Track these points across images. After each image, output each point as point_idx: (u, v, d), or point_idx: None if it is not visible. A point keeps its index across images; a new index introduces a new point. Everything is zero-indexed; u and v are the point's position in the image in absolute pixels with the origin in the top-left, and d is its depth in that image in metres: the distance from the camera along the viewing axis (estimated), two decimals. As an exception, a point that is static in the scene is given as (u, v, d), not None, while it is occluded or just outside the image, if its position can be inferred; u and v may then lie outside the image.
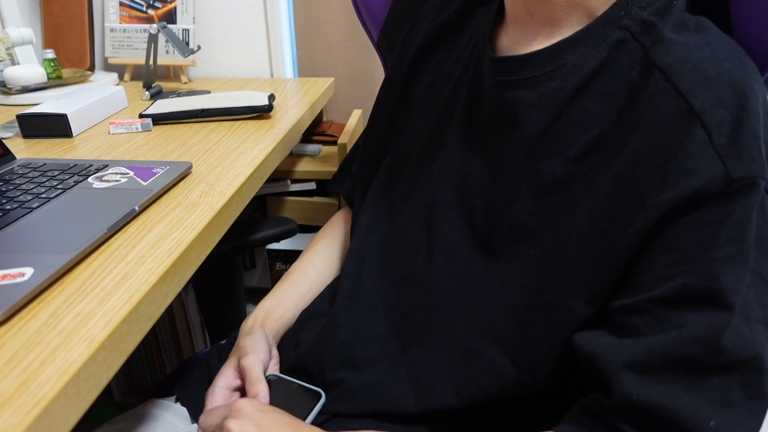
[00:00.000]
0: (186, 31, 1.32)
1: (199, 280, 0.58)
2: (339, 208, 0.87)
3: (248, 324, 0.63)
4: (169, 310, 1.36)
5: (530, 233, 0.48)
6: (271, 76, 1.42)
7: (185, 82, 1.34)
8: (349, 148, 1.08)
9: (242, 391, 0.57)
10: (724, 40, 0.44)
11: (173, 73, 1.40)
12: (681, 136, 0.40)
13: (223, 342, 0.73)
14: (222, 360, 0.64)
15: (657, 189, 0.40)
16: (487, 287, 0.51)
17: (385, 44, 0.80)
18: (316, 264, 0.70)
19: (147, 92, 1.15)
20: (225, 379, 0.58)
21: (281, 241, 1.30)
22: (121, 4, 1.34)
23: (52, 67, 1.18)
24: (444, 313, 0.53)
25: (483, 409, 0.51)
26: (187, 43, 1.32)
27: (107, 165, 0.71)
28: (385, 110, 0.67)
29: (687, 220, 0.39)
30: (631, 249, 0.42)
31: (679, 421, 0.38)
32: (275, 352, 0.62)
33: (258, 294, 1.44)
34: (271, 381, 0.57)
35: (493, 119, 0.51)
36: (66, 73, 1.24)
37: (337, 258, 0.72)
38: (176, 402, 0.66)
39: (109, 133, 0.90)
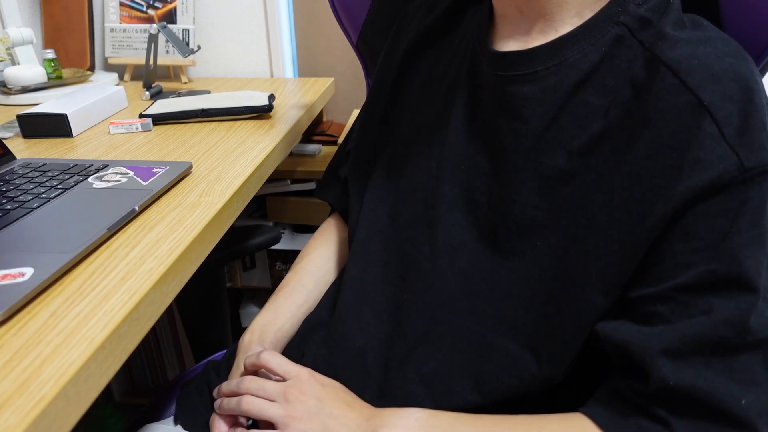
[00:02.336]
0: (186, 31, 1.32)
1: (181, 296, 0.56)
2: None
3: (245, 340, 0.61)
4: (170, 310, 1.36)
5: (536, 226, 0.49)
6: (271, 76, 1.42)
7: (185, 82, 1.34)
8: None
9: (247, 416, 0.56)
10: (722, 37, 0.46)
11: (173, 73, 1.40)
12: (693, 129, 0.41)
13: (219, 358, 0.71)
14: (222, 377, 0.62)
15: (673, 180, 0.41)
16: (495, 281, 0.51)
17: (364, 46, 0.80)
18: (311, 273, 0.69)
19: (147, 92, 1.15)
20: None
21: (280, 241, 1.30)
22: (121, 4, 1.34)
23: (52, 67, 1.18)
24: (451, 309, 0.53)
25: (509, 405, 0.50)
26: (187, 43, 1.32)
27: (107, 165, 0.71)
28: (377, 111, 0.67)
29: (704, 209, 0.41)
30: (650, 240, 0.43)
31: (713, 402, 0.40)
32: None
33: (258, 294, 1.44)
34: None
35: (495, 114, 0.52)
36: (66, 73, 1.24)
37: (331, 266, 0.71)
38: (176, 424, 0.64)
39: (109, 133, 0.90)
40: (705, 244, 0.41)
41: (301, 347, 0.62)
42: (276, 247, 1.29)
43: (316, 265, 0.70)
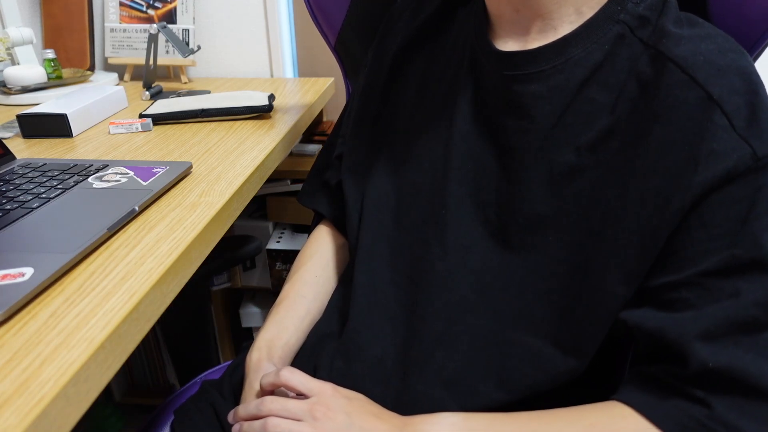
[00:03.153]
0: (186, 31, 1.32)
1: (165, 316, 0.53)
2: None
3: (254, 358, 0.58)
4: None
5: (547, 222, 0.50)
6: (271, 76, 1.42)
7: (185, 82, 1.34)
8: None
9: None
10: (720, 33, 0.47)
11: (173, 73, 1.40)
12: (705, 122, 0.43)
13: (214, 377, 0.69)
14: (225, 395, 0.61)
15: (690, 172, 0.43)
16: (508, 278, 0.51)
17: (342, 48, 0.79)
18: (309, 283, 0.67)
19: (147, 92, 1.15)
20: None
21: (280, 241, 1.30)
22: (121, 4, 1.34)
23: (52, 67, 1.18)
24: (465, 309, 0.53)
25: (537, 400, 0.50)
26: (187, 43, 1.32)
27: (107, 165, 0.71)
28: (368, 114, 0.66)
29: (719, 198, 0.43)
30: (669, 230, 0.44)
31: (749, 379, 0.42)
32: None
33: (258, 294, 1.44)
34: None
35: (501, 113, 0.52)
36: (66, 73, 1.24)
37: (330, 275, 0.69)
38: None
39: (109, 133, 0.90)
40: (723, 231, 0.43)
41: (313, 361, 0.60)
42: (276, 247, 1.29)
43: (314, 274, 0.68)
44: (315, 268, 0.69)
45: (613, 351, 0.50)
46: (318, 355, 0.60)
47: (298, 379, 0.52)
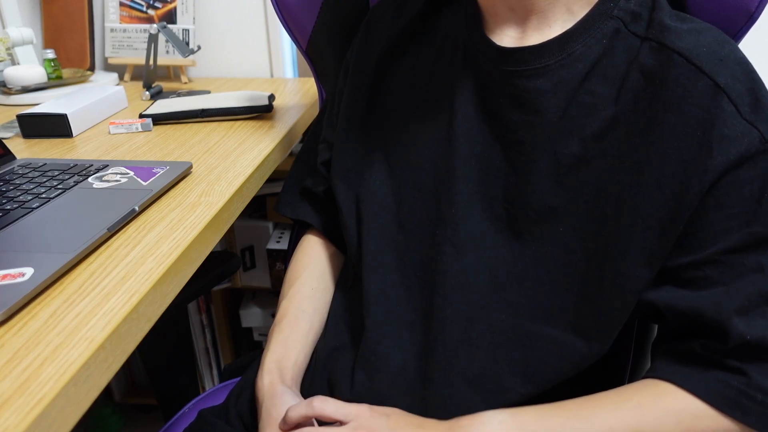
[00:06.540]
0: (186, 31, 1.32)
1: (146, 344, 0.52)
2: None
3: (266, 382, 0.56)
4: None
5: (556, 213, 0.51)
6: (271, 76, 1.42)
7: (185, 82, 1.34)
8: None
9: None
10: (711, 27, 0.50)
11: (173, 73, 1.40)
12: (714, 109, 0.45)
13: (211, 402, 0.67)
14: (234, 424, 0.59)
15: (705, 157, 0.45)
16: (522, 271, 0.52)
17: (314, 52, 0.79)
18: (308, 297, 0.65)
19: (147, 92, 1.15)
20: None
21: (280, 241, 1.30)
22: (121, 4, 1.34)
23: (52, 67, 1.18)
24: (483, 306, 0.53)
25: (564, 389, 0.51)
26: (187, 43, 1.32)
27: (107, 165, 0.71)
28: (356, 119, 0.64)
29: (731, 179, 0.45)
30: (689, 212, 0.46)
31: None
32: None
33: (258, 294, 1.44)
34: None
35: (506, 109, 0.53)
36: (66, 73, 1.24)
37: (326, 286, 0.68)
38: None
39: (109, 133, 0.90)
40: (739, 210, 0.45)
41: (326, 376, 0.59)
42: (276, 247, 1.29)
43: (310, 287, 0.66)
44: (310, 281, 0.67)
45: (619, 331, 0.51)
46: (332, 370, 0.59)
47: (332, 406, 0.50)
